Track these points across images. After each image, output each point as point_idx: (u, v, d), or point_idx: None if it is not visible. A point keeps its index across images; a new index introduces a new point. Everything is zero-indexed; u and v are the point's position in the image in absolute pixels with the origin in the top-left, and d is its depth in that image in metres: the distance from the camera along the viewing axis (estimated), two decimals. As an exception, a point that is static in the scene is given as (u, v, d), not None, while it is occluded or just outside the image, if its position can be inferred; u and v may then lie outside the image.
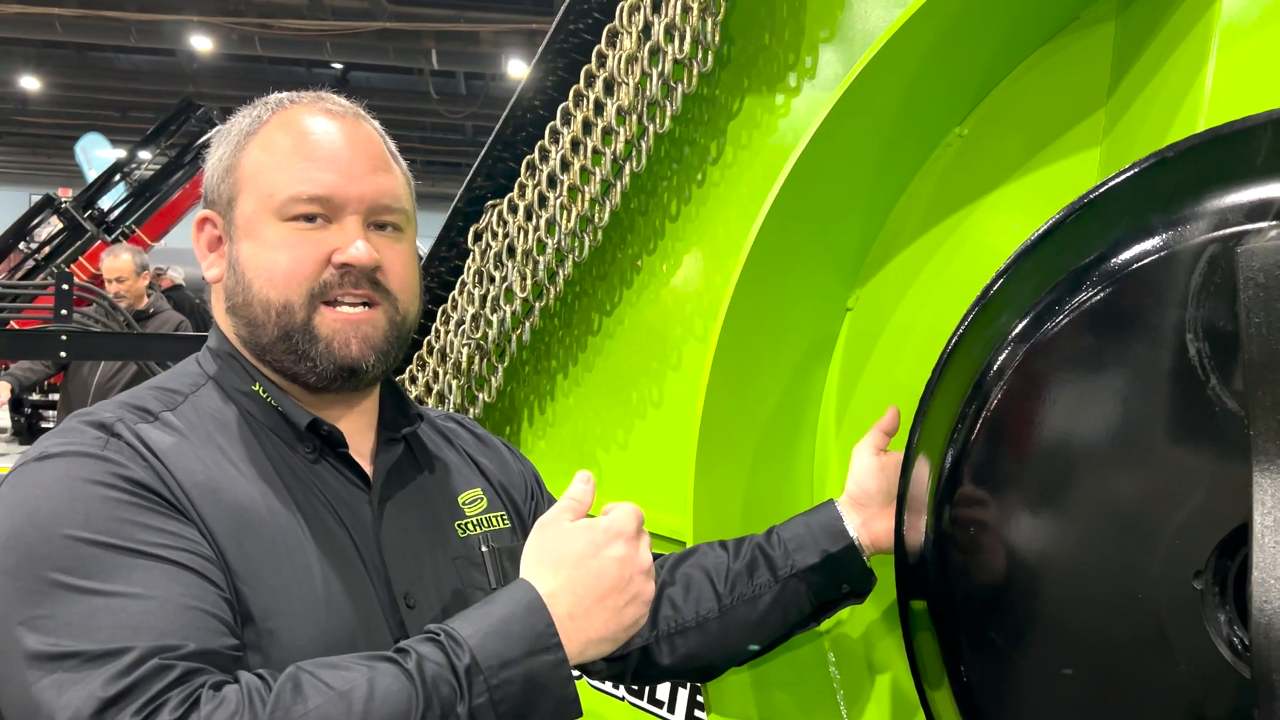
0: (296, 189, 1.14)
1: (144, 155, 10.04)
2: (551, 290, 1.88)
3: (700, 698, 1.78)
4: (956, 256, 1.52)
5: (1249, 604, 0.88)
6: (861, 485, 1.40)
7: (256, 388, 1.18)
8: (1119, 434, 1.03)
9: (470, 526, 1.26)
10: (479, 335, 1.94)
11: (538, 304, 1.91)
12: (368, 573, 1.15)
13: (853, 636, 1.60)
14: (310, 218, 1.14)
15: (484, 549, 1.25)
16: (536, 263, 1.86)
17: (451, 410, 1.95)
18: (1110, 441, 1.04)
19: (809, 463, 1.66)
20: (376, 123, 1.24)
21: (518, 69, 12.59)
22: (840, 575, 1.36)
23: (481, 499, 1.30)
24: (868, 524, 1.38)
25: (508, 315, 1.92)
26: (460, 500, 1.28)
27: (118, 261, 6.07)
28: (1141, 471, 1.02)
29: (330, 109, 1.20)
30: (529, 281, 1.88)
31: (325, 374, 1.15)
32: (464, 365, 1.97)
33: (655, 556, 1.47)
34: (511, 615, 1.01)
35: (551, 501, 1.43)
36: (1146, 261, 1.02)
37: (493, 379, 1.99)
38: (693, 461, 1.51)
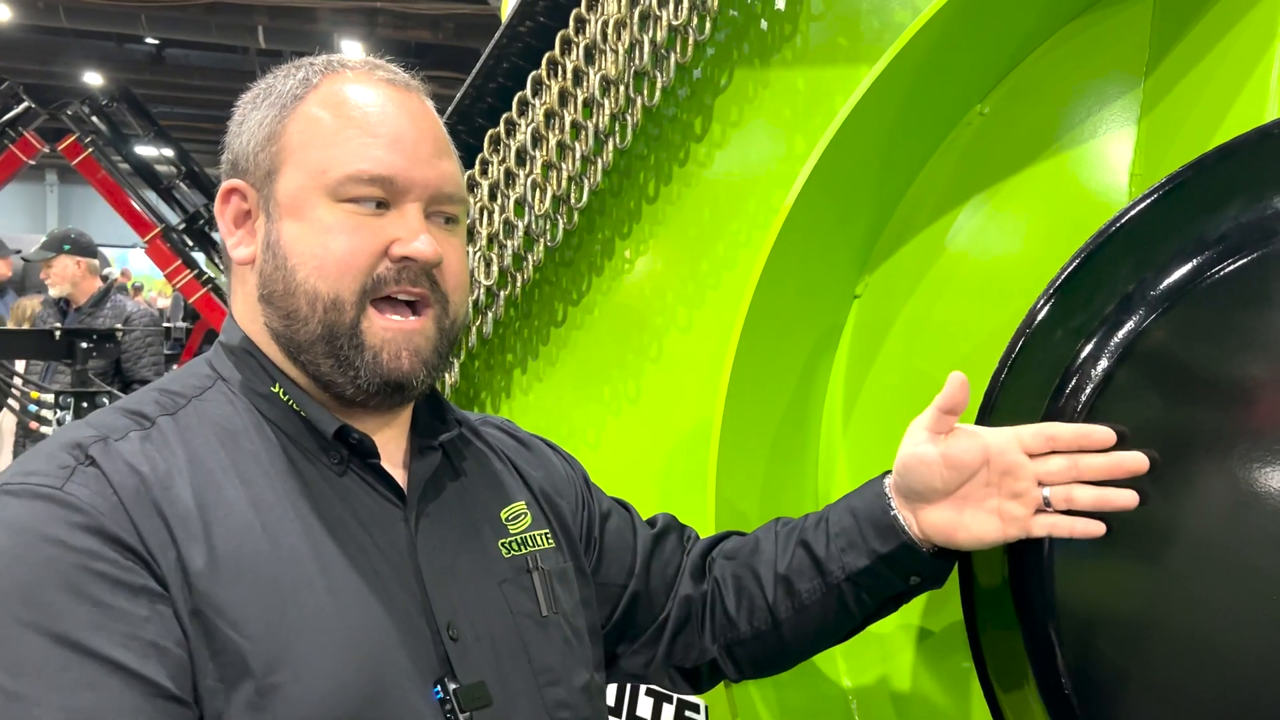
0: (356, 167, 0.98)
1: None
2: (519, 277, 1.72)
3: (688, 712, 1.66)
4: (976, 242, 1.45)
5: None
6: (910, 483, 1.14)
7: (277, 389, 1.01)
8: (1248, 428, 0.98)
9: (515, 546, 1.10)
10: (433, 327, 1.76)
11: (502, 293, 1.74)
12: (406, 601, 0.99)
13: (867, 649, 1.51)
14: (368, 201, 0.99)
15: (532, 571, 1.09)
16: (503, 247, 1.69)
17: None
18: (1239, 436, 0.98)
19: (814, 461, 1.56)
20: (430, 99, 1.07)
21: (352, 50, 12.07)
22: (903, 570, 1.16)
23: (525, 514, 1.14)
24: (923, 516, 1.14)
25: (468, 305, 1.74)
26: (502, 516, 1.12)
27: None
28: (1273, 467, 0.97)
29: (391, 79, 1.04)
30: (494, 268, 1.71)
31: (367, 388, 0.99)
32: (414, 361, 1.78)
33: (691, 536, 1.32)
34: None
35: (600, 500, 1.28)
36: (1277, 244, 0.97)
37: (447, 375, 1.81)
38: (713, 464, 1.39)
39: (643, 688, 1.72)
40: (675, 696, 1.69)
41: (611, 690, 1.76)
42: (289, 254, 0.98)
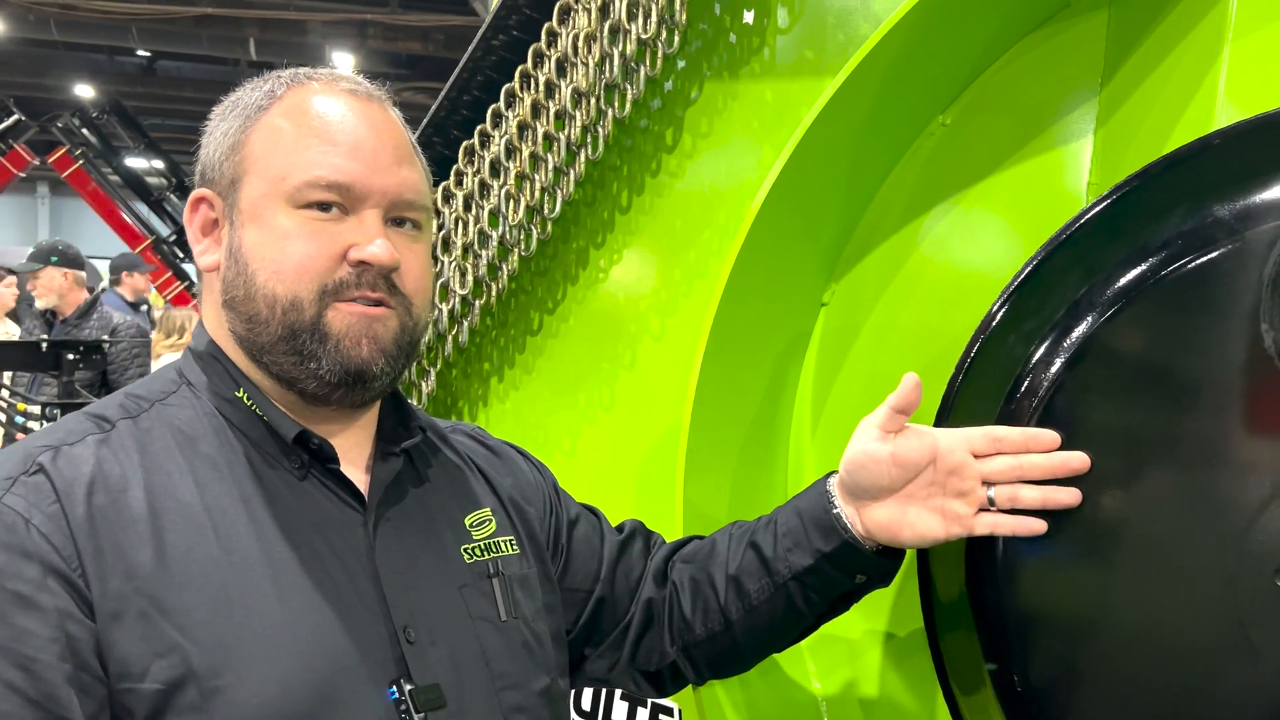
0: (314, 174, 1.00)
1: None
2: (494, 286, 1.75)
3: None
4: (940, 250, 1.48)
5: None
6: (858, 480, 1.14)
7: (240, 394, 1.03)
8: (1193, 428, 1.00)
9: (477, 551, 1.12)
10: (409, 336, 1.78)
11: (477, 302, 1.76)
12: (361, 605, 1.01)
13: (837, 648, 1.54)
14: (326, 206, 1.01)
15: (493, 576, 1.11)
16: (478, 257, 1.71)
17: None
18: (1185, 436, 1.01)
19: (784, 467, 1.59)
20: (397, 109, 1.10)
21: (344, 62, 12.10)
22: (847, 568, 1.17)
23: (490, 521, 1.16)
24: (868, 514, 1.15)
25: (444, 314, 1.77)
26: (466, 522, 1.14)
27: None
28: (1218, 466, 0.99)
29: (353, 89, 1.07)
30: (469, 277, 1.73)
31: (329, 378, 1.01)
32: (391, 369, 1.81)
33: (657, 541, 1.34)
34: None
35: (568, 507, 1.30)
36: (1218, 251, 1.00)
37: (424, 384, 1.83)
38: (680, 470, 1.42)
39: (618, 691, 1.74)
40: (649, 701, 1.70)
41: (587, 694, 1.78)
42: (249, 259, 1.01)
